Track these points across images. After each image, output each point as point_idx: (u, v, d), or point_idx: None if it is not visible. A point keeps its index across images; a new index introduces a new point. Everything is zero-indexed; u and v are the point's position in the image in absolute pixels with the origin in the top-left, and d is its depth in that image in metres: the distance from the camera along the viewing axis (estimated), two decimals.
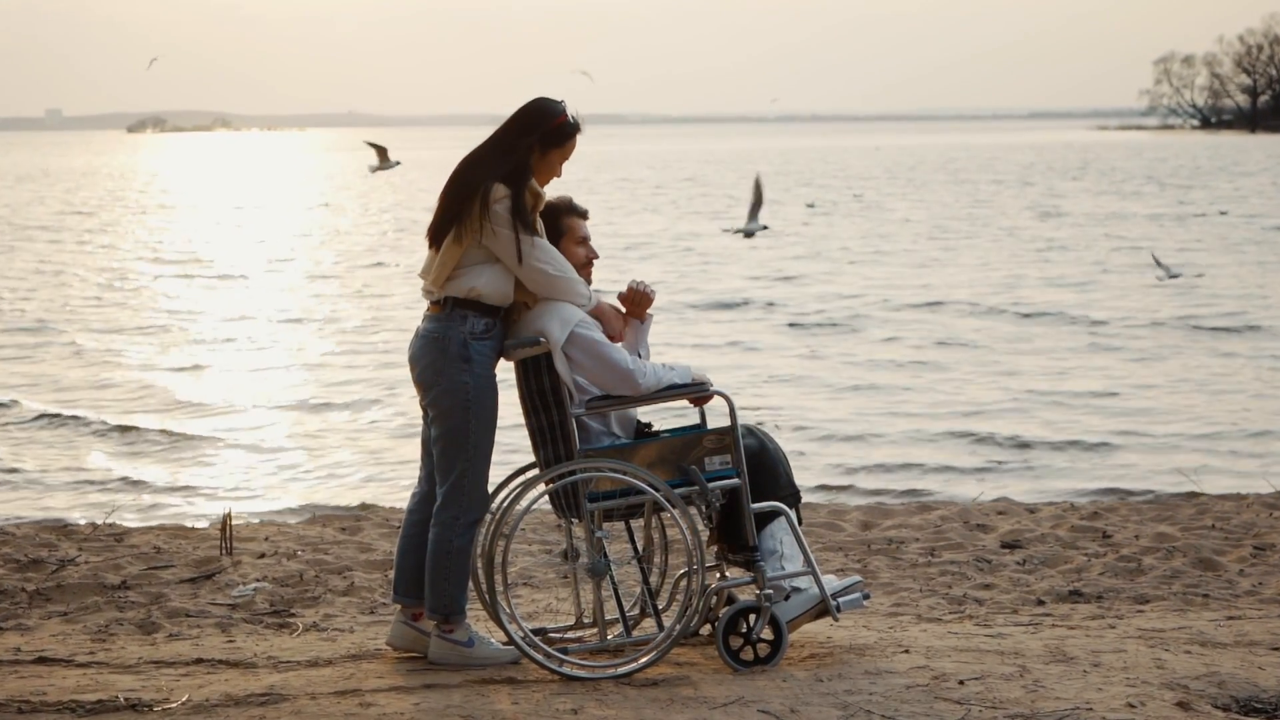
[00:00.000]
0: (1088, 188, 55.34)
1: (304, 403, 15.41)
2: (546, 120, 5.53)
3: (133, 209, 52.38)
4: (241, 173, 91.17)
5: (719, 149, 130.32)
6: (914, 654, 5.74)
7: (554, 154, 5.56)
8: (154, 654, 6.03)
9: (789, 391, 15.95)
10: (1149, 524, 8.86)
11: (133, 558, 8.03)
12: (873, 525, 9.03)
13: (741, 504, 5.60)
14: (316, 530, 8.96)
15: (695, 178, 70.24)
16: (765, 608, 5.54)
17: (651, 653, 5.51)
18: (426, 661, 5.71)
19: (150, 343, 20.01)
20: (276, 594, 7.26)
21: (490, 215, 5.43)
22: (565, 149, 5.57)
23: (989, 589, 7.36)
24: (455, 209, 5.49)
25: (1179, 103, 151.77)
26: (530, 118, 5.55)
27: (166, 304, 24.64)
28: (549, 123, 5.53)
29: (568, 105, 5.60)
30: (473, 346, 5.52)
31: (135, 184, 73.87)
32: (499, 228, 5.44)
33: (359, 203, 55.03)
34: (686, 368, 5.72)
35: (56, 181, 76.54)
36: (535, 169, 5.55)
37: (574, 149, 5.61)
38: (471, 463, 5.56)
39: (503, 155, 5.51)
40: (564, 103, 5.60)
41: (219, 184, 74.02)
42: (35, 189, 67.59)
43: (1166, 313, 21.09)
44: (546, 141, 5.53)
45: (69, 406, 15.08)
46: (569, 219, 5.70)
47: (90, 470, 12.35)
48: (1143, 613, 6.78)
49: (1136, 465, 12.33)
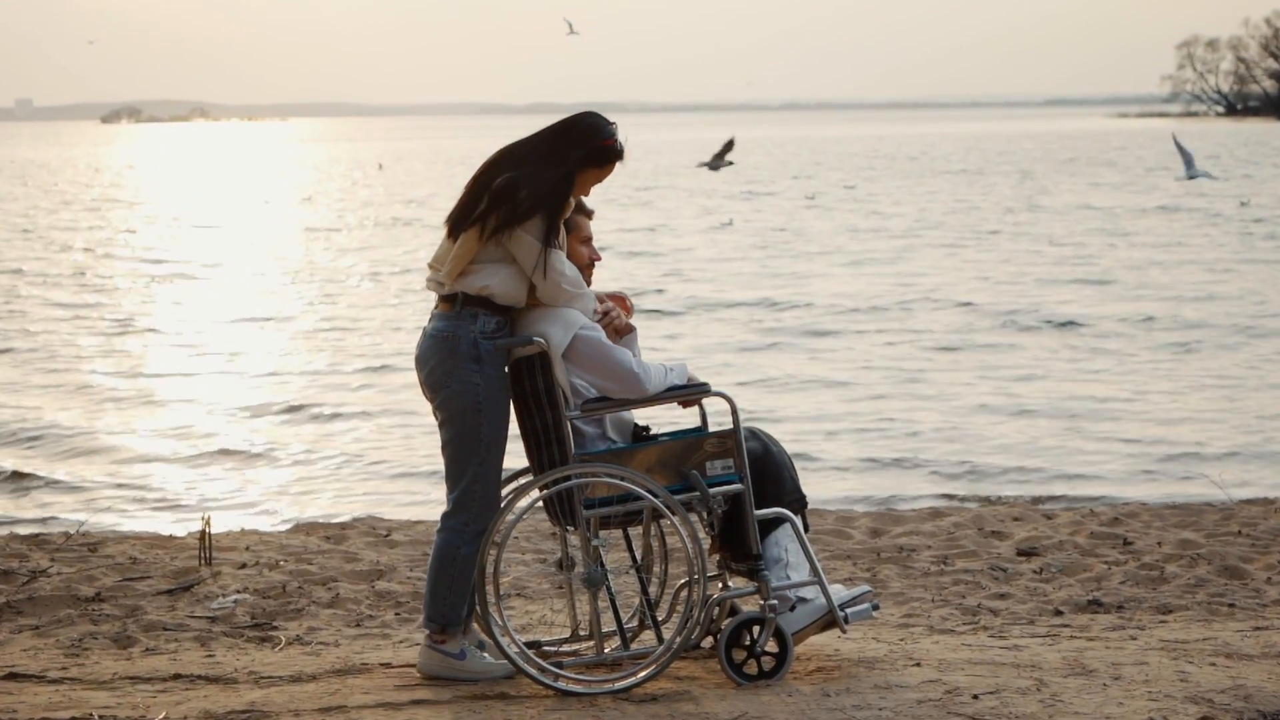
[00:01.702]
0: (1091, 179, 55.30)
1: (286, 406, 15.41)
2: (597, 138, 5.54)
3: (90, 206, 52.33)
4: (218, 165, 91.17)
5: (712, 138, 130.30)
6: (926, 667, 5.74)
7: (591, 173, 5.58)
8: (130, 669, 6.04)
9: (790, 393, 15.96)
10: (1172, 530, 8.86)
11: (107, 568, 8.03)
12: (882, 532, 9.03)
13: (745, 510, 5.61)
14: (300, 539, 8.97)
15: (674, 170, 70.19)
16: (770, 619, 5.55)
17: (651, 666, 5.52)
18: (416, 676, 5.72)
19: (125, 345, 20.00)
20: (258, 606, 7.26)
21: (520, 219, 5.44)
22: (604, 171, 5.60)
23: (1004, 599, 7.37)
24: (484, 205, 5.49)
25: (1203, 89, 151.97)
26: (583, 132, 5.54)
27: (138, 306, 24.62)
28: (598, 140, 5.54)
29: (618, 129, 5.60)
30: (483, 346, 5.53)
31: (101, 178, 73.84)
32: (526, 234, 5.45)
33: (341, 197, 55.01)
34: (683, 366, 5.73)
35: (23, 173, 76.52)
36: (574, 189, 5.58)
37: (610, 174, 5.63)
38: (484, 467, 5.57)
39: (550, 165, 5.50)
40: (615, 125, 5.60)
41: (192, 178, 73.98)
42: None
43: (1189, 312, 21.10)
44: (589, 160, 5.55)
45: (34, 411, 15.08)
46: (576, 217, 5.72)
47: (61, 477, 12.35)
48: (1165, 623, 6.79)
49: (1159, 469, 12.34)
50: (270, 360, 18.40)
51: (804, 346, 19.12)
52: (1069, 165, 66.70)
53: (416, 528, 9.41)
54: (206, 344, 19.94)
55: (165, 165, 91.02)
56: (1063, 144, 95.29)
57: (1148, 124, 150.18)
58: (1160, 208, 39.13)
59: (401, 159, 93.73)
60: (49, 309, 23.67)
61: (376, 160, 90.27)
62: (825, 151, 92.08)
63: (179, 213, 46.92)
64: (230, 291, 25.99)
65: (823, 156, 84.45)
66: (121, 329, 21.40)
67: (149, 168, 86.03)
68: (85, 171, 79.61)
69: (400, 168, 77.99)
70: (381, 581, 7.80)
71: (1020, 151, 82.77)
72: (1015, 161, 71.19)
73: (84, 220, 43.98)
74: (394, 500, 11.43)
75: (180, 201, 53.23)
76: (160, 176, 74.60)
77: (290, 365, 17.99)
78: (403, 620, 7.09)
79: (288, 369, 17.70)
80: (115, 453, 13.36)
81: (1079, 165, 66.69)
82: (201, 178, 73.06)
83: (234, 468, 12.82)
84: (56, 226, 41.55)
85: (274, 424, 14.59)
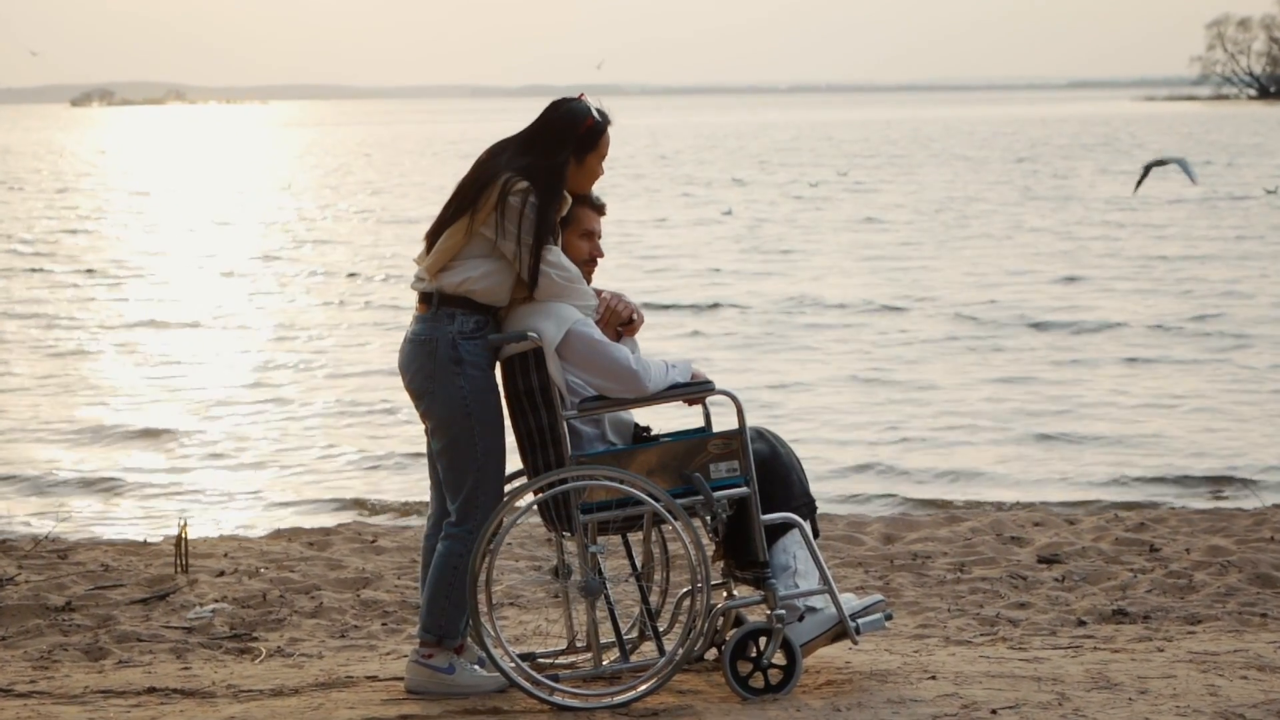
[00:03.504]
0: (1105, 166, 55.24)
1: (266, 406, 15.41)
2: (576, 126, 5.58)
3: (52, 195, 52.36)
4: (194, 150, 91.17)
5: (715, 124, 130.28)
6: (941, 680, 5.75)
7: (591, 158, 5.63)
8: (101, 683, 6.04)
9: (799, 392, 15.97)
10: (1201, 536, 8.87)
11: (78, 576, 8.04)
12: (896, 538, 9.04)
13: (751, 515, 5.61)
14: (281, 545, 8.97)
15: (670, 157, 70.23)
16: (777, 630, 5.55)
17: (651, 680, 5.52)
18: (403, 690, 5.72)
19: (96, 342, 20.01)
20: (237, 616, 7.27)
21: (505, 210, 5.44)
22: (600, 149, 5.64)
23: (1024, 608, 7.38)
24: (472, 197, 5.52)
25: (1234, 70, 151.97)
26: (561, 128, 5.58)
27: (114, 299, 24.64)
28: (579, 128, 5.58)
29: (588, 98, 5.64)
30: (463, 347, 5.54)
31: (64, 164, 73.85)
32: (509, 224, 5.46)
33: (323, 186, 55.01)
34: (687, 364, 5.73)
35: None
36: (575, 180, 5.63)
37: (609, 144, 5.67)
38: (483, 472, 5.58)
39: (540, 159, 5.53)
40: (583, 98, 5.64)
41: (165, 164, 73.98)
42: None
43: (1223, 312, 21.10)
44: (582, 149, 5.59)
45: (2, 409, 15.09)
46: (579, 208, 5.71)
47: (30, 479, 12.36)
48: (1194, 634, 6.80)
49: (1187, 471, 12.34)
50: (248, 358, 18.41)
51: (813, 343, 19.12)
52: (1088, 152, 66.64)
53: (404, 533, 9.42)
54: (180, 341, 19.96)
55: (137, 150, 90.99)
56: (1085, 130, 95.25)
57: (1176, 108, 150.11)
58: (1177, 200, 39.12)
59: (386, 145, 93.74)
60: (7, 304, 23.68)
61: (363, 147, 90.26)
62: (831, 138, 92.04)
63: (146, 203, 46.90)
64: (205, 288, 25.99)
65: (828, 143, 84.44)
66: (100, 323, 21.40)
67: (119, 153, 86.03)
68: (48, 158, 79.62)
69: (385, 155, 77.93)
70: (367, 590, 7.81)
71: (1035, 138, 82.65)
72: (1033, 148, 71.13)
73: (41, 208, 43.97)
74: (381, 505, 11.43)
75: (152, 190, 53.20)
76: (132, 162, 74.58)
77: (270, 363, 17.99)
78: (390, 631, 7.10)
79: (267, 366, 17.71)
80: (87, 454, 13.36)
81: (1095, 152, 66.65)
82: (176, 164, 73.02)
83: (212, 470, 12.82)
84: (17, 216, 41.54)
85: (254, 424, 14.60)
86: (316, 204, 44.90)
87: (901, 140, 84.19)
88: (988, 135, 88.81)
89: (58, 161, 75.28)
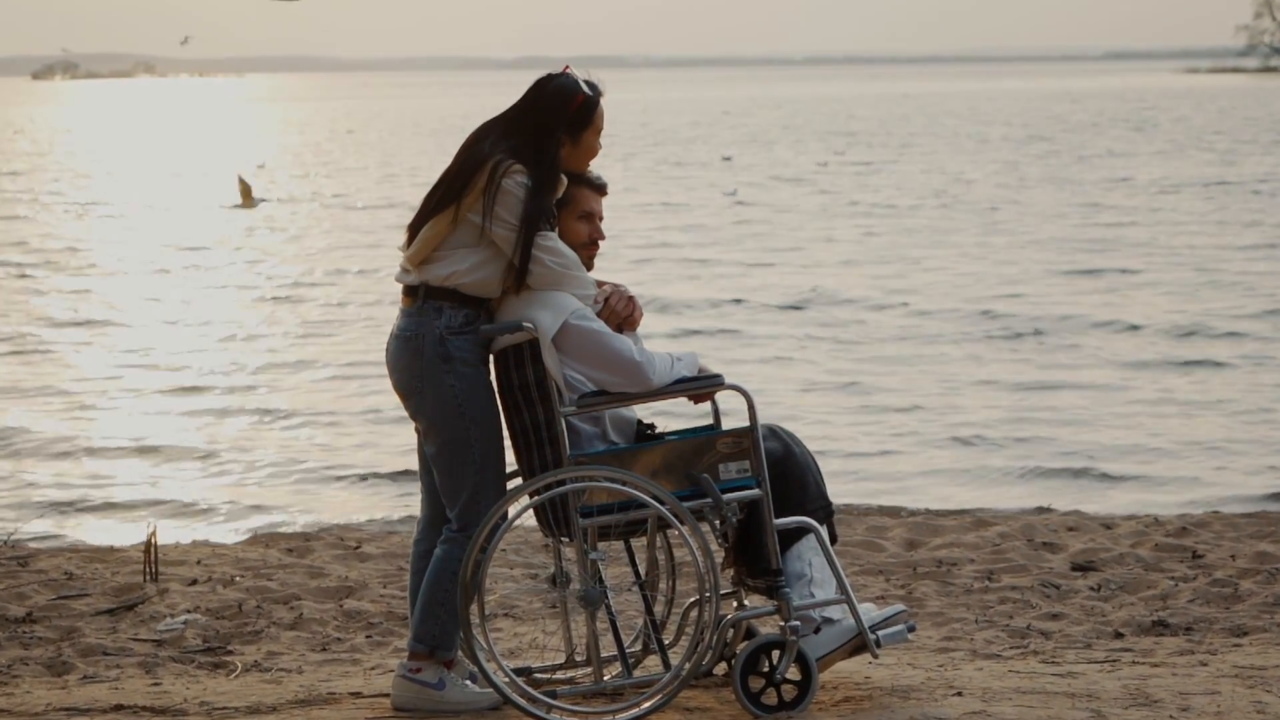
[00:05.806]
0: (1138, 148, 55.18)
1: (242, 405, 15.42)
2: (568, 104, 5.60)
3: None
4: (162, 127, 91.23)
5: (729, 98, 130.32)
6: (968, 697, 5.76)
7: (586, 135, 5.66)
8: (65, 699, 6.05)
9: (815, 387, 15.97)
10: (1246, 542, 8.88)
11: (39, 585, 8.04)
12: (919, 544, 9.05)
13: (763, 519, 5.62)
14: (258, 552, 8.98)
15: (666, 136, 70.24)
16: (791, 643, 5.55)
17: (656, 696, 5.53)
18: (389, 708, 5.73)
19: (59, 336, 20.04)
20: (210, 628, 7.27)
21: (498, 194, 5.45)
22: (595, 124, 5.67)
23: (1057, 619, 7.38)
24: (460, 181, 5.53)
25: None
26: (550, 108, 5.60)
27: (75, 291, 24.67)
28: (570, 106, 5.60)
29: (574, 71, 5.66)
30: (451, 343, 5.54)
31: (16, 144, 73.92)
32: (502, 209, 5.46)
33: (300, 166, 55.02)
34: (693, 356, 5.73)
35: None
36: (572, 159, 5.65)
37: (604, 118, 5.70)
38: (482, 475, 5.59)
39: (530, 140, 5.56)
40: (569, 70, 5.66)
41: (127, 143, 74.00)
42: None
43: (1254, 308, 21.09)
44: (575, 127, 5.61)
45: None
46: (577, 189, 5.71)
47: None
48: (1240, 647, 6.80)
49: (1231, 473, 12.35)
50: (224, 356, 18.42)
51: (831, 336, 19.13)
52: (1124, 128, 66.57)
53: (390, 539, 9.43)
54: (151, 338, 19.97)
55: (101, 128, 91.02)
56: (1124, 105, 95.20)
57: (1220, 80, 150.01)
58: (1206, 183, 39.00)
59: (371, 120, 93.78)
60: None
61: (345, 124, 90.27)
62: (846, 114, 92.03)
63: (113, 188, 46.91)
64: (180, 285, 25.99)
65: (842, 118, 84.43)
66: (65, 317, 21.42)
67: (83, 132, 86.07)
68: (6, 135, 79.68)
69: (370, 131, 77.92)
70: (351, 600, 7.81)
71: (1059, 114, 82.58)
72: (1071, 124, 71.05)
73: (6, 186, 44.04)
74: (364, 509, 11.45)
75: (119, 172, 53.22)
76: (97, 142, 74.62)
77: (247, 362, 18.00)
78: (375, 644, 7.11)
79: (244, 366, 17.72)
80: (50, 455, 13.38)
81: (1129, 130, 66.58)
82: (137, 143, 73.02)
83: (184, 471, 12.83)
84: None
85: (229, 424, 14.61)
86: (289, 188, 44.87)
87: (912, 117, 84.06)
88: (1015, 112, 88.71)
89: (15, 141, 75.31)
